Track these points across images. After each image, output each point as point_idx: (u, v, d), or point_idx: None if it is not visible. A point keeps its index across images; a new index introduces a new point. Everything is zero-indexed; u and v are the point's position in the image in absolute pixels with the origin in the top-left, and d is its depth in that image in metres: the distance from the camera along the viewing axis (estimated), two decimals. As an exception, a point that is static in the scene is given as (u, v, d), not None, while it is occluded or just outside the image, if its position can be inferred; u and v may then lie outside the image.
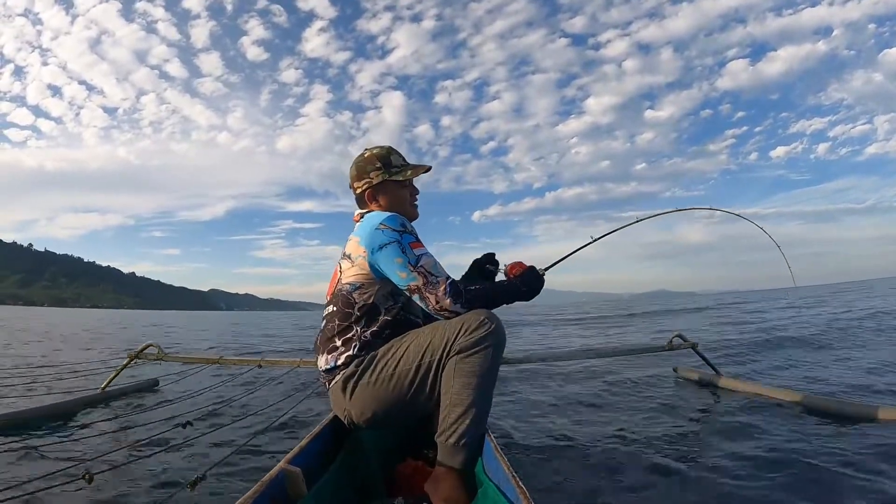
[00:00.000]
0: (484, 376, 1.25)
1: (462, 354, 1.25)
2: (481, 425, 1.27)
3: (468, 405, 1.23)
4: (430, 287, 1.33)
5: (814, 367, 4.61)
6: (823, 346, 5.94)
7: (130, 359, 3.87)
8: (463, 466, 1.23)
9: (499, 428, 2.75)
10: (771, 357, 5.38)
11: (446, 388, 1.26)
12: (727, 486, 1.81)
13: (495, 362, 1.28)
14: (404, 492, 1.42)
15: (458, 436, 1.22)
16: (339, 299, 1.46)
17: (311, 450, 1.28)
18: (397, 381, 1.33)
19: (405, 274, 1.35)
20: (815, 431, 2.43)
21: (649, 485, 1.88)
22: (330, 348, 1.44)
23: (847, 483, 1.78)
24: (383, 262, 1.38)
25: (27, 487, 1.69)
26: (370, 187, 1.56)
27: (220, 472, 1.96)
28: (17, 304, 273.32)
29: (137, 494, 1.82)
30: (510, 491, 1.04)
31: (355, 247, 1.44)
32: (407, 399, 1.34)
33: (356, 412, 1.39)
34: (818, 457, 2.04)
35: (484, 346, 1.25)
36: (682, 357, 4.80)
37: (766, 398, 3.19)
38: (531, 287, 1.50)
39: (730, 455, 2.14)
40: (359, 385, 1.37)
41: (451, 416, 1.24)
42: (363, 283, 1.43)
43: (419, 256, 1.36)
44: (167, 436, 2.42)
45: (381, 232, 1.39)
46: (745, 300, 24.01)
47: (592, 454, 2.26)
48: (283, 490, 1.06)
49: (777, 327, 8.79)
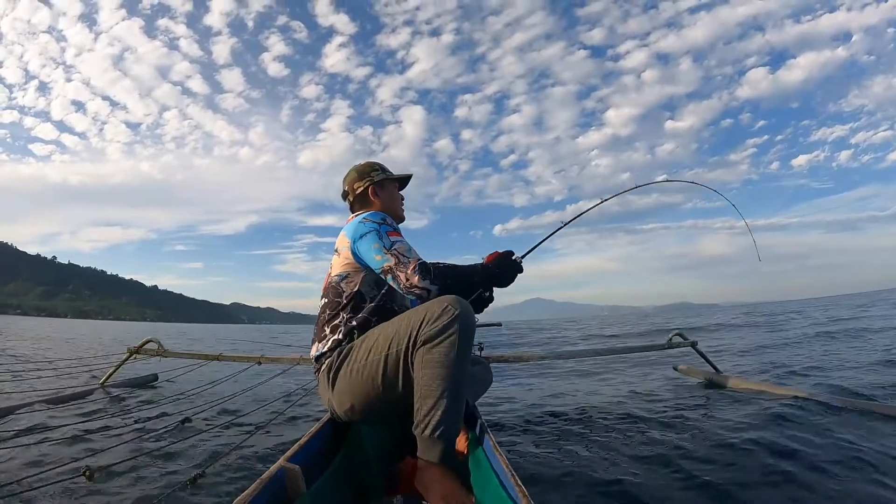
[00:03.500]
0: (452, 366, 1.22)
1: (428, 345, 1.24)
2: (456, 415, 1.25)
3: (438, 396, 1.21)
4: (400, 266, 1.40)
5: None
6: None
7: (130, 354, 3.87)
8: (441, 458, 1.22)
9: (498, 426, 2.76)
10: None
11: (417, 380, 1.26)
12: (727, 484, 1.81)
13: (463, 348, 1.24)
14: (403, 490, 1.42)
15: (432, 428, 1.21)
16: (329, 291, 1.56)
17: (310, 448, 1.28)
18: (368, 372, 1.36)
19: (380, 256, 1.44)
20: (818, 429, 2.42)
21: (649, 482, 1.88)
22: (320, 336, 1.53)
23: (851, 481, 1.78)
24: (363, 250, 1.49)
25: (26, 483, 1.69)
26: (372, 183, 1.72)
27: (219, 468, 1.96)
28: (41, 315, 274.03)
29: (137, 490, 1.82)
30: (510, 489, 1.04)
31: (342, 239, 1.57)
32: (380, 390, 1.35)
33: (336, 402, 1.43)
34: (820, 455, 2.03)
35: (449, 334, 1.23)
36: (684, 356, 4.80)
37: (767, 395, 3.19)
38: (504, 271, 1.50)
39: (730, 453, 2.14)
40: (339, 375, 1.42)
41: (423, 409, 1.23)
42: (349, 273, 1.53)
43: (394, 242, 1.47)
44: (167, 432, 2.42)
45: (363, 224, 1.52)
46: (770, 312, 21.48)
47: (592, 452, 2.26)
48: (282, 487, 1.05)
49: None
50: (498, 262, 1.51)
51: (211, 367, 4.78)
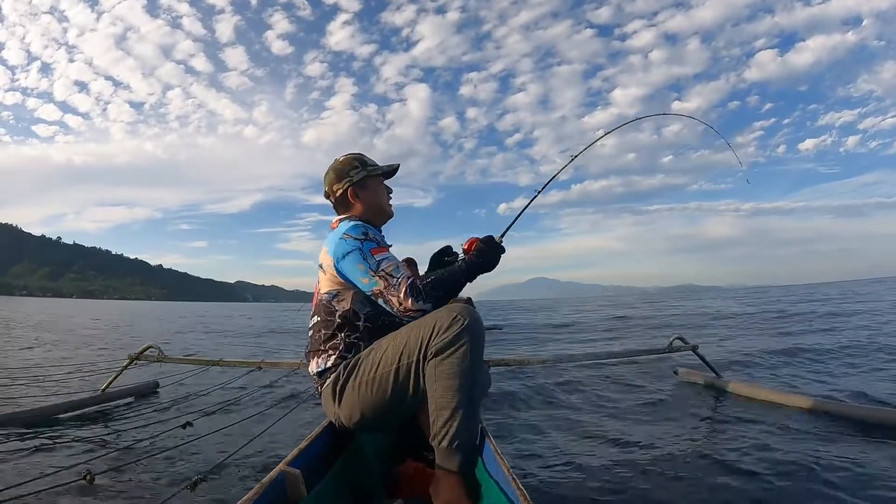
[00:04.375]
0: (465, 375, 1.24)
1: (440, 357, 1.25)
2: (473, 423, 1.26)
3: (454, 408, 1.22)
4: (391, 289, 1.37)
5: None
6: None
7: (131, 360, 3.87)
8: (460, 468, 1.23)
9: (498, 429, 2.75)
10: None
11: (430, 392, 1.26)
12: (726, 488, 1.81)
13: (475, 358, 1.26)
14: (404, 494, 1.42)
15: (450, 439, 1.22)
16: (321, 309, 1.52)
17: (310, 452, 1.28)
18: (379, 384, 1.35)
19: (367, 279, 1.41)
20: (818, 435, 2.42)
21: (648, 486, 1.88)
22: (319, 352, 1.50)
23: (848, 489, 1.78)
24: (347, 270, 1.45)
25: (28, 488, 1.69)
26: (352, 184, 1.62)
27: (220, 473, 1.96)
28: (47, 295, 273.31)
29: (138, 495, 1.82)
30: (510, 492, 1.04)
31: (325, 256, 1.51)
32: (391, 402, 1.36)
33: (345, 416, 1.42)
34: (820, 461, 2.03)
35: (460, 344, 1.24)
36: (684, 359, 4.79)
37: (767, 401, 3.18)
38: (486, 258, 1.48)
39: (728, 458, 2.14)
40: (345, 389, 1.40)
41: (439, 421, 1.23)
42: (339, 291, 1.49)
43: (380, 261, 1.41)
44: (167, 437, 2.42)
45: (344, 241, 1.45)
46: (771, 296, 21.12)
47: (592, 456, 2.26)
48: (282, 492, 1.06)
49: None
50: (478, 251, 1.48)
51: (211, 372, 4.77)
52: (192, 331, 14.46)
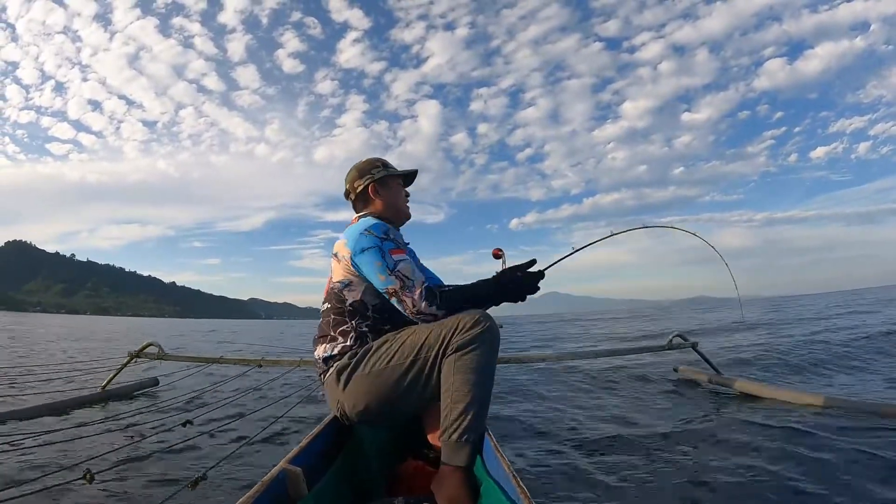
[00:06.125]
0: (482, 373, 1.28)
1: (460, 352, 1.28)
2: (482, 422, 1.29)
3: (469, 402, 1.25)
4: (406, 291, 1.39)
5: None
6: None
7: (131, 358, 3.87)
8: (466, 463, 1.24)
9: (499, 427, 2.75)
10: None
11: (446, 385, 1.29)
12: (727, 486, 1.81)
13: (491, 360, 1.31)
14: (405, 492, 1.42)
15: (461, 432, 1.24)
16: (332, 297, 1.54)
17: (311, 449, 1.27)
18: (391, 374, 1.37)
19: (384, 277, 1.42)
20: (819, 430, 2.42)
21: (648, 484, 1.88)
22: (328, 339, 1.51)
23: (851, 484, 1.78)
24: (364, 265, 1.46)
25: (28, 486, 1.69)
26: (373, 181, 1.68)
27: (220, 471, 1.96)
28: (61, 312, 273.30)
29: (138, 493, 1.82)
30: (510, 489, 1.04)
31: (342, 247, 1.53)
32: (400, 393, 1.37)
33: (349, 404, 1.42)
34: (821, 457, 2.03)
35: (481, 342, 1.29)
36: (684, 356, 4.80)
37: (767, 398, 3.18)
38: (516, 286, 1.44)
39: (729, 455, 2.14)
40: (353, 377, 1.41)
41: (453, 413, 1.25)
42: (351, 281, 1.51)
43: (397, 262, 1.43)
44: (168, 435, 2.42)
45: (365, 237, 1.47)
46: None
47: (592, 453, 2.26)
48: (283, 490, 1.05)
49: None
50: (505, 276, 1.46)
51: (212, 370, 4.78)
52: (198, 340, 14.45)
